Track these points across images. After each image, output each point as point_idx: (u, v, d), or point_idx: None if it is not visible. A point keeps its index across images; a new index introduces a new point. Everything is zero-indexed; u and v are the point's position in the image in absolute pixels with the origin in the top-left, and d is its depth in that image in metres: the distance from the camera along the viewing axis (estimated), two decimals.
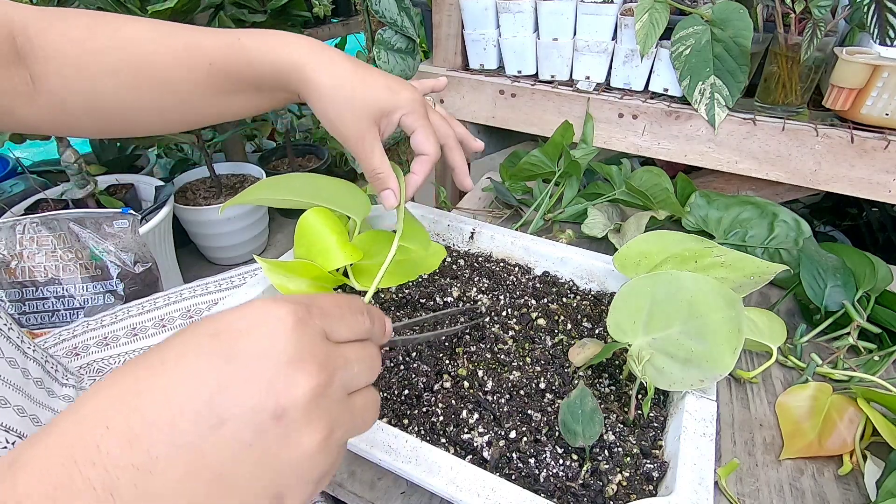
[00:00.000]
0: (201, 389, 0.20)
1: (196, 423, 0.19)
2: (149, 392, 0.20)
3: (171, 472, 0.19)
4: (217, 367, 0.20)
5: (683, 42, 0.73)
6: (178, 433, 0.19)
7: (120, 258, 1.10)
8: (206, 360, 0.20)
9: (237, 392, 0.20)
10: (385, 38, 0.81)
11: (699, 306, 0.44)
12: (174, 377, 0.20)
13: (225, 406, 0.20)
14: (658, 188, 0.72)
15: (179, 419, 0.19)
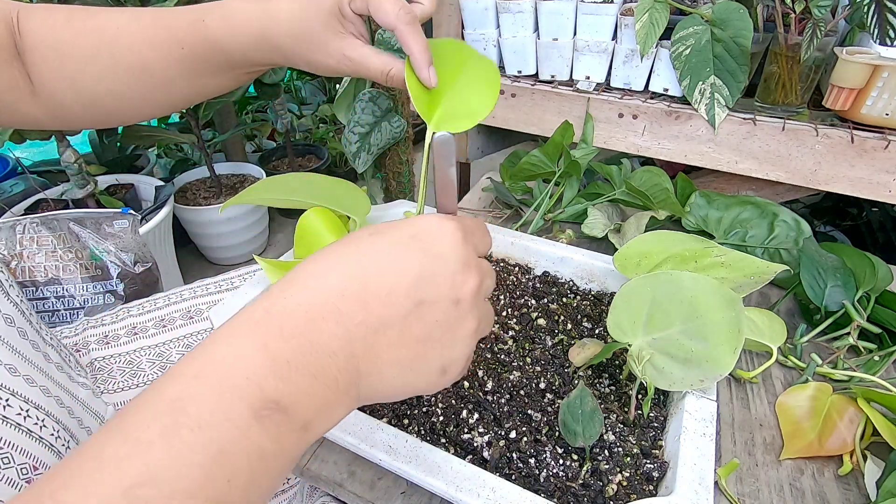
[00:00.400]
0: (410, 273, 0.25)
1: (406, 298, 0.25)
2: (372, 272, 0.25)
3: (389, 333, 0.25)
4: (419, 260, 0.26)
5: (683, 42, 0.73)
6: (393, 304, 0.25)
7: (120, 258, 1.10)
8: (412, 254, 0.26)
9: (433, 280, 0.26)
10: (385, 37, 0.81)
11: (699, 306, 0.44)
12: (391, 262, 0.26)
13: (425, 289, 0.25)
14: (658, 188, 0.72)
15: (395, 294, 0.25)
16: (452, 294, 0.26)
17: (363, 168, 1.03)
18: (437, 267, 0.26)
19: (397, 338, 0.25)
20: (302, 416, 0.22)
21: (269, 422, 0.21)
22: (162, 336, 0.61)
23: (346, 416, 0.26)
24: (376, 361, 0.25)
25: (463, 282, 0.27)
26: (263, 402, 0.20)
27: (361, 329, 0.24)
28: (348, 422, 0.40)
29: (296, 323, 0.23)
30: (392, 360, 0.25)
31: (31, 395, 0.40)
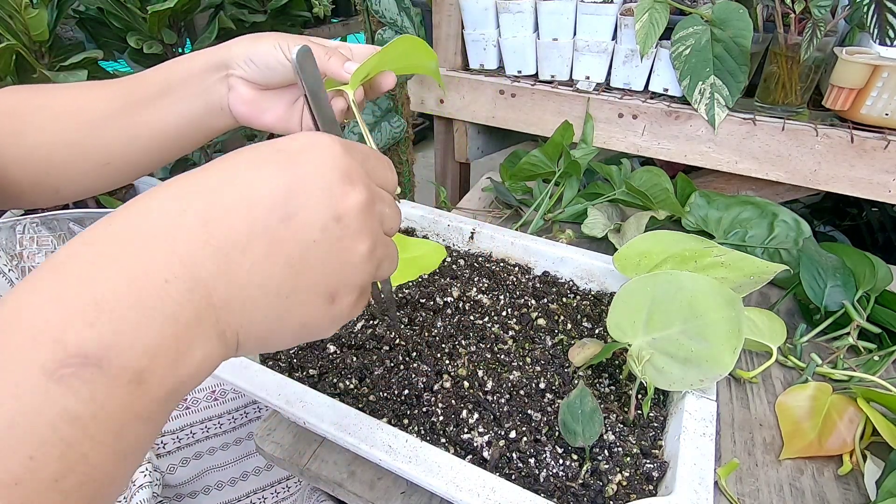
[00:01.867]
0: (274, 188, 0.22)
1: (271, 212, 0.21)
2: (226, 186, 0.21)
3: (249, 254, 0.21)
4: (285, 173, 0.22)
5: (683, 42, 0.73)
6: (254, 220, 0.21)
7: None
8: (276, 167, 0.22)
9: (304, 194, 0.22)
10: (385, 38, 0.81)
11: (699, 306, 0.44)
12: (248, 177, 0.22)
13: (295, 203, 0.22)
14: (658, 188, 0.72)
15: (255, 208, 0.21)
16: (331, 209, 0.23)
17: None
18: (307, 178, 0.23)
19: (262, 259, 0.21)
20: (127, 366, 0.18)
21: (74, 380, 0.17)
22: None
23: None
24: (235, 288, 0.21)
25: (343, 194, 0.23)
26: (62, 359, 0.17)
27: (208, 250, 0.20)
28: (348, 422, 0.40)
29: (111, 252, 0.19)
30: (258, 286, 0.21)
31: None
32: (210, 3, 1.38)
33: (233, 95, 0.43)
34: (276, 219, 0.22)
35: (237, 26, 1.45)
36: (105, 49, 1.26)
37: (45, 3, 1.02)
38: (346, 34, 2.20)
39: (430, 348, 0.51)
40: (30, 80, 1.04)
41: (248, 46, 0.42)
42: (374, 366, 0.49)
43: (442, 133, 1.05)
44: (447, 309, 0.56)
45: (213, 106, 0.44)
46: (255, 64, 0.42)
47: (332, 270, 0.23)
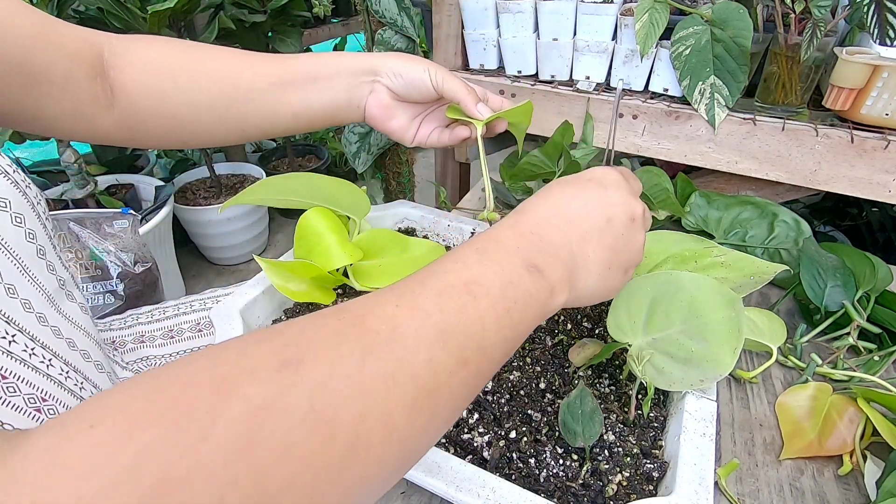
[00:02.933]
0: (598, 203, 0.36)
1: (598, 216, 0.35)
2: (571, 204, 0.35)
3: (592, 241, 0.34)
4: (602, 193, 0.36)
5: (683, 42, 0.73)
6: (593, 221, 0.35)
7: (120, 258, 1.10)
8: (594, 191, 0.36)
9: (614, 205, 0.36)
10: (385, 38, 0.81)
11: (699, 306, 0.44)
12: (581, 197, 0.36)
13: (610, 211, 0.35)
14: (658, 188, 0.72)
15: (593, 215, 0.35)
16: (628, 213, 0.36)
17: (363, 168, 1.03)
18: (614, 195, 0.36)
19: (598, 244, 0.34)
20: (550, 281, 0.31)
21: (534, 275, 0.30)
22: (169, 347, 0.61)
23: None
24: (587, 259, 0.34)
25: (635, 204, 0.37)
26: (529, 263, 0.31)
27: (573, 236, 0.34)
28: None
29: (533, 229, 0.33)
30: (595, 261, 0.34)
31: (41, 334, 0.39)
32: (210, 3, 1.38)
33: (372, 98, 0.52)
34: (603, 220, 0.35)
35: (237, 26, 1.45)
36: None
37: (45, 3, 1.02)
38: (345, 34, 2.20)
39: None
40: None
41: (401, 63, 0.51)
42: None
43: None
44: None
45: (353, 102, 0.52)
46: (402, 78, 0.51)
47: (629, 252, 0.37)
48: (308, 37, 1.93)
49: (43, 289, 0.41)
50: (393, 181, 1.22)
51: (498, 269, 0.29)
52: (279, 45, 1.63)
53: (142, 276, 1.12)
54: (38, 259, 0.41)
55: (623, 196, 0.36)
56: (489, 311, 0.28)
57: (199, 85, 0.47)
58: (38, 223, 0.41)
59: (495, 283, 0.29)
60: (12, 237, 0.38)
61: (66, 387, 0.40)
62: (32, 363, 0.37)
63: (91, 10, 1.25)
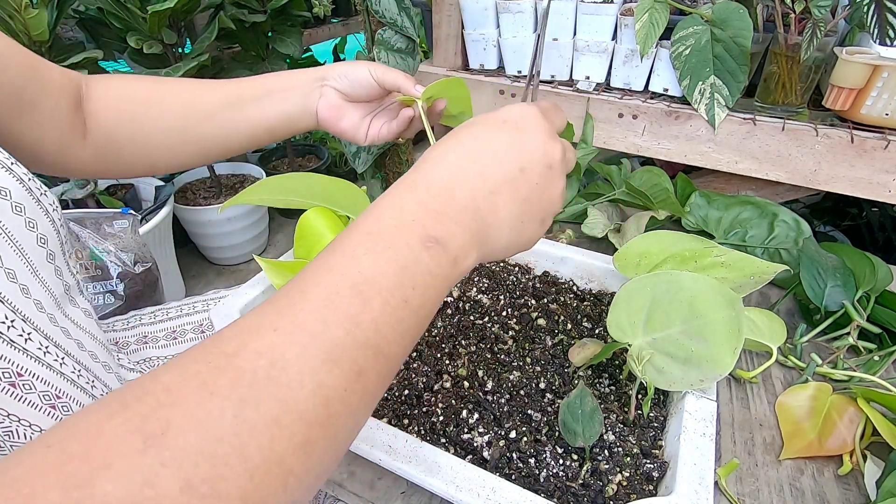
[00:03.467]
0: (511, 150, 0.32)
1: (511, 164, 0.32)
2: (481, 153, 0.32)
3: (502, 195, 0.31)
4: (514, 136, 0.33)
5: (683, 42, 0.73)
6: (505, 172, 0.32)
7: (120, 258, 1.09)
8: (508, 135, 0.33)
9: (529, 151, 0.33)
10: (385, 38, 0.81)
11: (699, 306, 0.44)
12: (493, 143, 0.32)
13: (524, 158, 0.32)
14: (658, 188, 0.72)
15: (504, 165, 0.32)
16: (545, 160, 0.33)
17: (363, 168, 1.03)
18: (529, 140, 0.33)
19: (509, 197, 0.32)
20: (453, 252, 0.29)
21: (433, 251, 0.28)
22: (171, 348, 0.61)
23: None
24: (496, 216, 0.32)
25: (553, 149, 0.34)
26: (427, 237, 0.28)
27: (482, 191, 0.31)
28: None
29: (437, 187, 0.30)
30: (506, 215, 0.32)
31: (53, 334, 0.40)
32: (210, 3, 1.38)
33: (322, 101, 0.54)
34: (515, 170, 0.32)
35: (237, 26, 1.45)
36: (105, 49, 1.26)
37: (45, 3, 1.02)
38: (346, 34, 2.19)
39: (430, 348, 0.51)
40: None
41: (346, 66, 0.54)
42: None
43: (442, 133, 1.05)
44: (447, 309, 0.56)
45: (307, 109, 0.54)
46: (347, 79, 0.53)
47: (545, 202, 0.34)
48: (308, 37, 1.93)
49: (51, 292, 0.41)
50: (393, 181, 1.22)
51: (390, 254, 0.27)
52: (279, 45, 1.63)
53: (142, 276, 1.12)
54: (48, 263, 0.41)
55: (540, 140, 0.33)
56: (383, 310, 0.25)
57: (166, 110, 0.51)
58: (51, 228, 0.42)
59: (387, 273, 0.26)
60: (26, 241, 0.39)
61: (78, 385, 0.40)
62: (47, 361, 0.38)
63: (91, 10, 1.25)
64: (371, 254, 0.26)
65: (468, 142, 0.33)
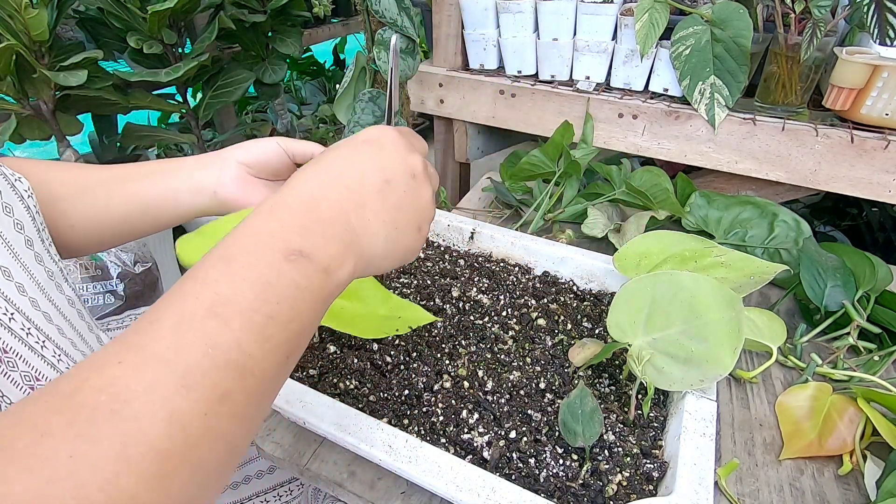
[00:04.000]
0: (374, 165, 0.34)
1: (375, 177, 0.34)
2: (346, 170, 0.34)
3: (372, 205, 0.33)
4: (377, 154, 0.35)
5: (683, 42, 0.73)
6: (371, 185, 0.33)
7: (120, 258, 1.10)
8: (369, 153, 0.35)
9: (392, 165, 0.35)
10: (385, 38, 0.81)
11: (699, 306, 0.44)
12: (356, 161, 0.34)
13: (388, 171, 0.34)
14: (658, 188, 0.72)
15: (366, 177, 0.34)
16: (408, 170, 0.35)
17: None
18: (389, 154, 0.35)
19: (379, 207, 0.33)
20: (322, 262, 0.29)
21: (297, 264, 0.28)
22: None
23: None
24: (368, 225, 0.33)
25: (413, 161, 0.36)
26: (289, 250, 0.28)
27: (350, 204, 0.32)
28: (348, 422, 0.40)
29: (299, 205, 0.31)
30: (380, 223, 0.33)
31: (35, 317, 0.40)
32: (210, 3, 1.37)
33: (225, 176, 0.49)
34: (380, 181, 0.34)
35: (237, 26, 1.45)
36: (105, 49, 1.26)
37: (45, 3, 1.02)
38: (345, 34, 2.19)
39: (430, 348, 0.51)
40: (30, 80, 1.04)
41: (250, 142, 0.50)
42: (375, 366, 0.49)
43: (442, 133, 1.05)
44: (447, 309, 0.56)
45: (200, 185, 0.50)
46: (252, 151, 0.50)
47: (416, 210, 0.36)
48: (308, 37, 1.93)
49: (33, 277, 0.41)
50: None
51: (249, 273, 0.26)
52: (279, 45, 1.63)
53: (142, 276, 1.12)
54: (27, 249, 0.41)
55: (400, 154, 0.35)
56: (245, 329, 0.25)
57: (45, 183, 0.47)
58: (26, 215, 0.42)
59: (247, 293, 0.26)
60: (4, 225, 0.39)
61: (58, 369, 0.40)
62: (29, 342, 0.38)
63: (91, 10, 1.25)
64: (227, 275, 0.26)
65: (333, 162, 0.34)
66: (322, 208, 0.31)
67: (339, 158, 0.34)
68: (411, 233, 0.36)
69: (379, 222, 0.33)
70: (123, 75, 1.22)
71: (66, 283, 0.47)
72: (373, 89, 0.89)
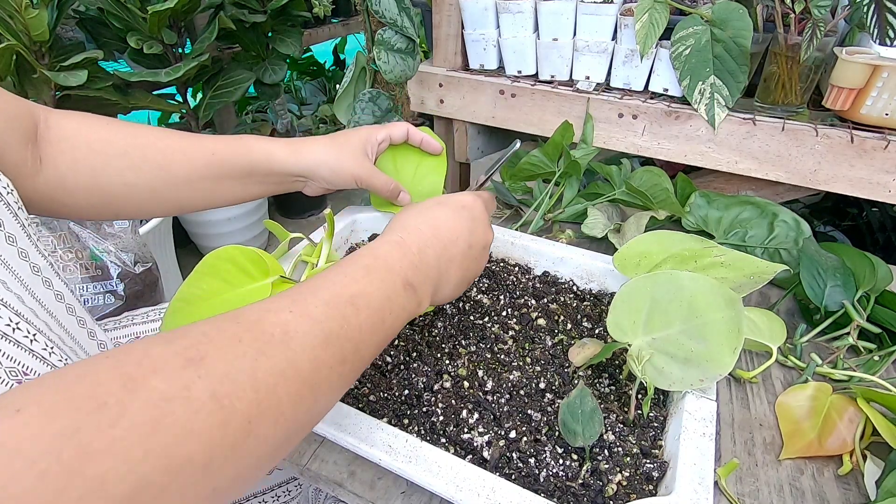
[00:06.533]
0: (465, 231, 0.45)
1: (464, 242, 0.44)
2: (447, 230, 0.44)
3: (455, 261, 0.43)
4: (467, 221, 0.45)
5: (683, 42, 0.73)
6: (460, 247, 0.44)
7: (120, 258, 1.10)
8: (465, 219, 0.45)
9: (475, 236, 0.45)
10: (385, 38, 0.81)
11: (699, 306, 0.44)
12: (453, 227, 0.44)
13: (472, 239, 0.45)
14: (658, 188, 0.72)
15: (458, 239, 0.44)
16: (483, 242, 0.46)
17: None
18: (478, 226, 0.46)
19: (458, 266, 0.44)
20: (419, 296, 0.39)
21: (409, 292, 0.38)
22: None
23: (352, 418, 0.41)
24: (450, 276, 0.43)
25: (489, 236, 0.47)
26: (406, 281, 0.38)
27: (444, 259, 0.42)
28: (348, 422, 0.40)
29: (415, 248, 0.40)
30: (453, 277, 0.44)
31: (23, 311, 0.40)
32: (210, 3, 1.38)
33: (308, 189, 0.60)
34: (465, 246, 0.44)
35: (237, 26, 1.45)
36: (105, 49, 1.26)
37: (45, 3, 1.02)
38: (346, 34, 2.20)
39: (430, 348, 0.51)
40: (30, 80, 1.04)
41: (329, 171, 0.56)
42: (374, 366, 0.49)
43: (442, 133, 1.05)
44: (447, 309, 0.56)
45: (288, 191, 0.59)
46: (331, 183, 0.58)
47: (475, 270, 0.47)
48: (308, 37, 1.93)
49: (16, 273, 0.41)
50: None
51: (380, 285, 0.36)
52: (279, 45, 1.63)
53: (142, 276, 1.12)
54: (9, 246, 0.41)
55: (483, 228, 0.46)
56: (367, 321, 0.34)
57: (132, 167, 0.49)
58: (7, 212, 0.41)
59: (376, 297, 0.35)
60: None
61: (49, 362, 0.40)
62: (15, 337, 0.38)
63: (91, 10, 1.25)
64: (366, 280, 0.35)
65: (437, 220, 0.44)
66: (427, 255, 0.41)
67: (444, 219, 0.44)
68: (464, 285, 0.46)
69: (454, 275, 0.44)
70: (123, 75, 1.22)
71: (58, 278, 0.46)
72: (373, 89, 0.89)
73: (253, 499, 0.58)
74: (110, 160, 0.48)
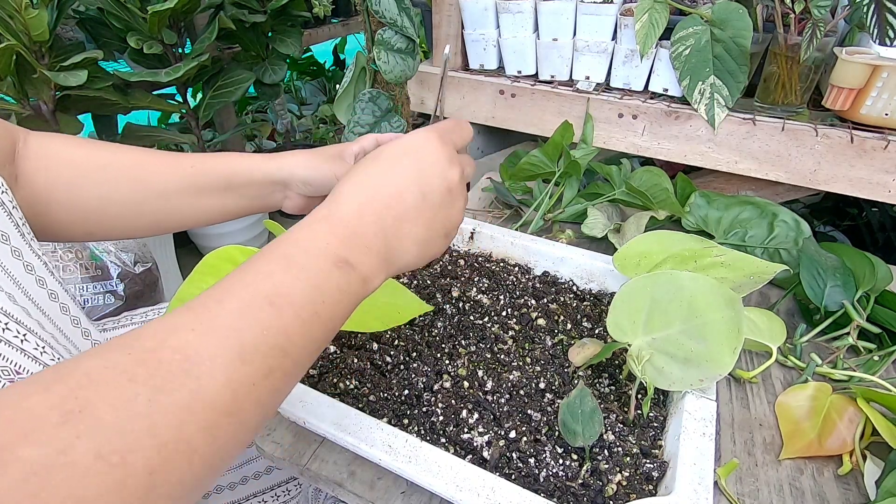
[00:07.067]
0: (413, 178, 0.37)
1: (413, 194, 0.36)
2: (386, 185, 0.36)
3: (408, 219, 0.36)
4: (414, 167, 0.37)
5: (683, 42, 0.73)
6: (409, 200, 0.36)
7: (120, 258, 1.10)
8: (409, 167, 0.37)
9: (430, 178, 0.37)
10: (385, 38, 0.81)
11: (699, 306, 0.44)
12: (397, 173, 0.37)
13: (425, 186, 0.37)
14: (658, 188, 0.72)
15: (408, 194, 0.36)
16: (444, 185, 0.37)
17: None
18: (428, 168, 0.37)
19: (413, 222, 0.36)
20: (362, 272, 0.33)
21: (343, 271, 0.32)
22: None
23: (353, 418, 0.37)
24: (403, 240, 0.36)
25: (452, 174, 0.38)
26: (338, 259, 0.32)
27: (388, 220, 0.35)
28: (348, 422, 0.40)
29: (349, 219, 0.34)
30: (412, 236, 0.36)
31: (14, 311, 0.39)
32: (210, 3, 1.38)
33: (288, 202, 0.55)
34: (418, 198, 0.36)
35: (237, 26, 1.45)
36: (105, 49, 1.26)
37: (45, 3, 1.02)
38: (345, 34, 2.20)
39: (430, 348, 0.51)
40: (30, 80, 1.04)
41: (309, 172, 0.52)
42: (374, 366, 0.49)
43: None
44: (447, 309, 0.56)
45: (267, 205, 0.55)
46: (311, 185, 0.52)
47: (447, 219, 0.38)
48: (308, 37, 1.93)
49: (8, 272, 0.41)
50: None
51: (304, 274, 0.30)
52: (279, 45, 1.63)
53: (142, 276, 1.12)
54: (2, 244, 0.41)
55: (439, 167, 0.37)
56: (294, 321, 0.29)
57: (109, 180, 0.48)
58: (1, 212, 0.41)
59: (301, 290, 0.30)
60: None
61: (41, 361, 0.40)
62: (5, 337, 0.37)
63: (91, 10, 1.25)
64: (286, 273, 0.30)
65: (375, 177, 0.37)
66: (366, 222, 0.34)
67: (380, 174, 0.37)
68: (440, 240, 0.39)
69: (412, 235, 0.36)
70: (123, 75, 1.22)
71: (52, 277, 0.46)
72: (373, 89, 0.89)
73: (253, 498, 0.58)
74: (87, 174, 0.47)
